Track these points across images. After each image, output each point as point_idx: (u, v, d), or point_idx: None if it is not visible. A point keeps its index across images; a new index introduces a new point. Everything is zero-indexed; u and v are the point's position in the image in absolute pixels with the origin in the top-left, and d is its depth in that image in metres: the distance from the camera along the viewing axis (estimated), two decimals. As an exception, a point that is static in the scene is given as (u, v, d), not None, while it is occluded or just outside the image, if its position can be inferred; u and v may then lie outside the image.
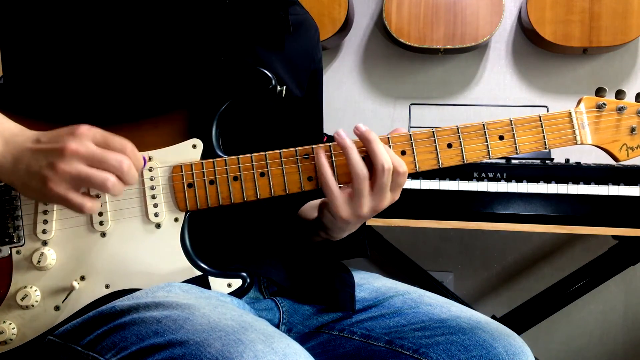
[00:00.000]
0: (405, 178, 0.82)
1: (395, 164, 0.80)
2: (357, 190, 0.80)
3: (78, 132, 0.74)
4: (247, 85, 0.85)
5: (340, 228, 0.88)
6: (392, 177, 0.80)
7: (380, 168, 0.79)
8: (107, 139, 0.76)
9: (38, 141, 0.75)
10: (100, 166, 0.74)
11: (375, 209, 0.82)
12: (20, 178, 0.75)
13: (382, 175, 0.79)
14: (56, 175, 0.73)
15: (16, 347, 0.81)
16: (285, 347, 0.67)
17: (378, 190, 0.81)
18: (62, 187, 0.74)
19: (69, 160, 0.73)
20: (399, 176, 0.81)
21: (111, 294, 0.82)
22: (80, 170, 0.73)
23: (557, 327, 2.29)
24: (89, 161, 0.74)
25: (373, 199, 0.81)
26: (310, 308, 0.94)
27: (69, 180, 0.74)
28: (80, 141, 0.74)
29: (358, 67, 2.37)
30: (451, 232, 2.34)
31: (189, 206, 0.84)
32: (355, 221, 0.84)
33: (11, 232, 0.82)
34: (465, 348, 0.85)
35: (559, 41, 2.01)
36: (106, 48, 0.87)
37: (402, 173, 0.81)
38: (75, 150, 0.73)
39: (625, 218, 1.63)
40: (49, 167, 0.73)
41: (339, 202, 0.81)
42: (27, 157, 0.75)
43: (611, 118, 0.87)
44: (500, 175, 1.69)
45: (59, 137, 0.74)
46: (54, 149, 0.74)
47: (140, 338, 0.69)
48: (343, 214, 0.82)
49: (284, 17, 0.98)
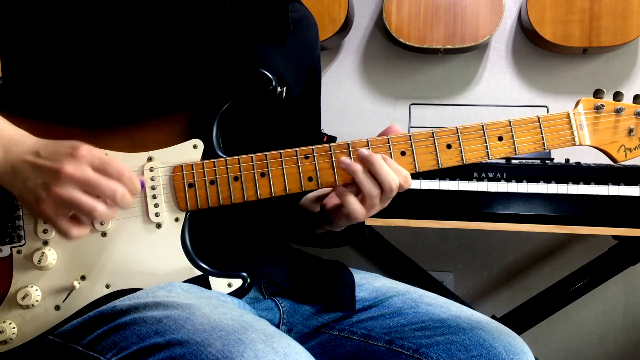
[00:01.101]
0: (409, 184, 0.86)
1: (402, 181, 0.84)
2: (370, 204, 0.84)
3: (77, 154, 0.74)
4: (248, 86, 0.85)
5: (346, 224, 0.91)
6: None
7: (388, 188, 0.82)
8: (104, 164, 0.75)
9: (37, 155, 0.75)
10: (94, 193, 0.74)
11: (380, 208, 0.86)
12: (17, 188, 0.76)
13: (391, 192, 0.83)
14: (49, 197, 0.74)
15: (16, 346, 0.81)
16: (285, 346, 0.67)
17: (385, 199, 0.84)
18: (52, 210, 0.74)
19: (63, 184, 0.73)
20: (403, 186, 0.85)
21: (112, 293, 0.82)
22: (72, 196, 0.73)
23: (557, 327, 2.29)
24: (83, 186, 0.74)
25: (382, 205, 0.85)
26: (310, 308, 0.94)
27: (59, 204, 0.74)
28: (77, 164, 0.74)
29: (358, 67, 2.37)
30: (451, 232, 2.34)
31: (190, 206, 0.84)
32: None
33: (12, 232, 0.83)
34: (465, 348, 0.85)
35: (559, 41, 2.01)
36: (107, 48, 0.87)
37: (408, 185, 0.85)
38: (71, 174, 0.73)
39: (625, 218, 1.63)
40: (43, 187, 0.74)
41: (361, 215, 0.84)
42: (25, 170, 0.75)
43: (609, 119, 0.88)
44: (500, 175, 1.69)
45: (58, 156, 0.74)
46: (51, 169, 0.73)
47: (141, 338, 0.69)
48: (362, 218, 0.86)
49: (284, 15, 0.98)
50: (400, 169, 0.84)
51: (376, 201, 0.83)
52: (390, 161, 0.83)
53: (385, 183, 0.81)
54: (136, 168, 0.84)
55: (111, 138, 0.84)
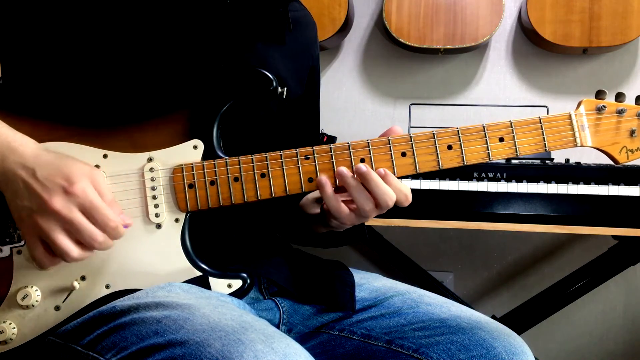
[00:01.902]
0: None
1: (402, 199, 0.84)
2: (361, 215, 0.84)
3: (70, 191, 0.74)
4: (249, 86, 0.85)
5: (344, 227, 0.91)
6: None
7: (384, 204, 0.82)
8: (94, 210, 0.75)
9: (33, 174, 0.75)
10: (74, 235, 0.75)
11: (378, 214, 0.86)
12: (8, 198, 0.77)
13: (386, 208, 0.83)
14: (30, 223, 0.74)
15: (16, 346, 0.81)
16: (285, 347, 0.67)
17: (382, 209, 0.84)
18: (30, 234, 0.76)
19: (46, 217, 0.73)
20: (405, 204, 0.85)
21: (111, 294, 0.82)
22: (51, 232, 0.74)
23: (557, 327, 2.29)
24: (65, 225, 0.74)
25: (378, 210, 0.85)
26: (310, 308, 0.94)
27: (37, 233, 0.75)
28: (66, 203, 0.74)
29: (358, 67, 2.37)
30: (451, 232, 2.34)
31: (190, 207, 0.84)
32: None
33: (12, 232, 0.83)
34: (465, 348, 0.85)
35: (559, 41, 2.01)
36: (107, 48, 0.87)
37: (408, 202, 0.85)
38: (56, 211, 0.73)
39: (625, 218, 1.63)
40: (28, 212, 0.74)
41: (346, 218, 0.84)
42: (17, 186, 0.75)
43: (611, 120, 0.87)
44: (500, 175, 1.69)
45: (51, 184, 0.74)
46: (39, 198, 0.73)
47: (141, 338, 0.69)
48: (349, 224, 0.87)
49: (284, 14, 0.98)
50: (402, 188, 0.83)
51: (370, 214, 0.83)
52: (391, 179, 0.83)
53: (381, 200, 0.82)
54: (136, 169, 0.84)
55: (111, 138, 0.84)
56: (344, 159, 0.84)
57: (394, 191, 0.82)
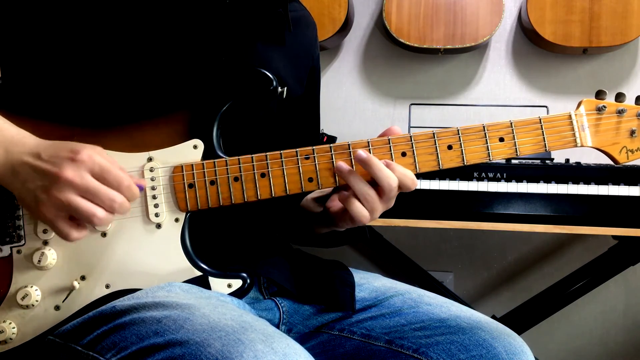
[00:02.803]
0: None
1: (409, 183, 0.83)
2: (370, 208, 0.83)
3: (78, 159, 0.74)
4: (249, 86, 0.85)
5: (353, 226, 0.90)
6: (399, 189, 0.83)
7: (387, 187, 0.81)
8: (104, 172, 0.75)
9: (38, 157, 0.75)
10: (92, 200, 0.74)
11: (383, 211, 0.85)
12: (17, 189, 0.76)
13: (390, 191, 0.82)
14: (48, 200, 0.74)
15: (16, 346, 0.81)
16: (285, 347, 0.67)
17: (388, 200, 0.84)
18: (51, 212, 0.75)
19: (61, 188, 0.73)
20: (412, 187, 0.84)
21: (111, 293, 0.82)
22: (71, 200, 0.73)
23: (557, 327, 2.29)
24: (81, 192, 0.74)
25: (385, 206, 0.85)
26: (310, 308, 0.94)
27: (59, 207, 0.74)
28: (77, 170, 0.74)
29: (358, 67, 2.37)
30: (451, 232, 2.34)
31: (190, 206, 0.84)
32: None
33: (12, 232, 0.83)
34: (465, 348, 0.85)
35: (559, 41, 2.01)
36: (107, 48, 0.87)
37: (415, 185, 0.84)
38: (69, 180, 0.73)
39: (625, 218, 1.63)
40: (43, 190, 0.74)
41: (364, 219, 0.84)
42: (25, 172, 0.75)
43: (611, 121, 0.87)
44: (500, 175, 1.69)
45: (58, 159, 0.74)
46: (50, 173, 0.74)
47: (140, 338, 0.69)
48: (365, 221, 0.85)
49: (283, 14, 0.98)
50: (407, 173, 0.83)
51: (376, 205, 0.82)
52: (395, 166, 0.82)
53: (384, 182, 0.81)
54: (136, 168, 0.84)
55: (111, 138, 0.84)
56: (344, 158, 0.84)
57: (399, 177, 0.82)
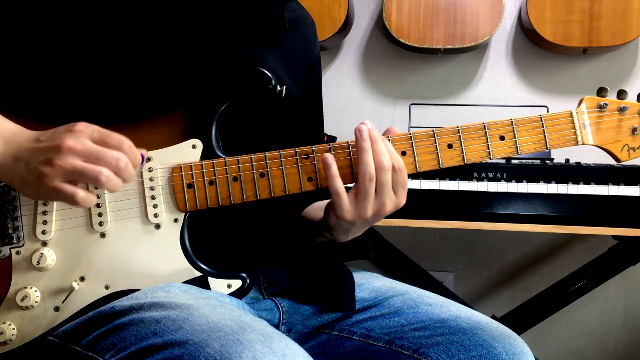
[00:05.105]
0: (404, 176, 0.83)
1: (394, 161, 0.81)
2: (362, 192, 0.81)
3: (75, 129, 0.74)
4: (247, 85, 0.85)
5: (345, 230, 0.88)
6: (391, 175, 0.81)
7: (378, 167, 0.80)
8: (104, 136, 0.75)
9: (37, 140, 0.75)
10: (97, 162, 0.74)
11: (379, 212, 0.83)
12: (19, 176, 0.75)
13: (382, 174, 0.80)
14: (52, 170, 0.73)
15: (16, 347, 0.81)
16: (284, 347, 0.67)
17: (380, 189, 0.82)
18: (56, 181, 0.73)
19: (64, 156, 0.73)
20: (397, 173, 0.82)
21: (111, 294, 0.82)
22: (75, 165, 0.73)
23: (557, 327, 2.29)
24: (85, 157, 0.73)
25: (377, 200, 0.82)
26: (310, 308, 0.94)
27: (63, 175, 0.73)
28: (77, 138, 0.74)
29: (358, 67, 2.37)
30: (451, 232, 2.34)
31: (189, 207, 0.84)
32: (360, 223, 0.85)
33: (11, 233, 0.82)
34: (465, 348, 0.84)
35: (559, 41, 2.01)
36: (103, 47, 0.87)
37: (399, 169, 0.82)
38: (71, 147, 0.73)
39: (625, 218, 1.63)
40: (46, 163, 0.73)
41: (344, 203, 0.82)
42: (26, 156, 0.75)
43: (612, 118, 0.87)
44: (500, 175, 1.69)
45: (56, 135, 0.75)
46: (52, 147, 0.74)
47: (139, 338, 0.69)
48: (348, 216, 0.83)
49: (280, 14, 0.98)
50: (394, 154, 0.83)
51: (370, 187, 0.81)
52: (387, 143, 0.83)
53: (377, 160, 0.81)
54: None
55: (110, 138, 0.84)
56: (344, 158, 0.84)
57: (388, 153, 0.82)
